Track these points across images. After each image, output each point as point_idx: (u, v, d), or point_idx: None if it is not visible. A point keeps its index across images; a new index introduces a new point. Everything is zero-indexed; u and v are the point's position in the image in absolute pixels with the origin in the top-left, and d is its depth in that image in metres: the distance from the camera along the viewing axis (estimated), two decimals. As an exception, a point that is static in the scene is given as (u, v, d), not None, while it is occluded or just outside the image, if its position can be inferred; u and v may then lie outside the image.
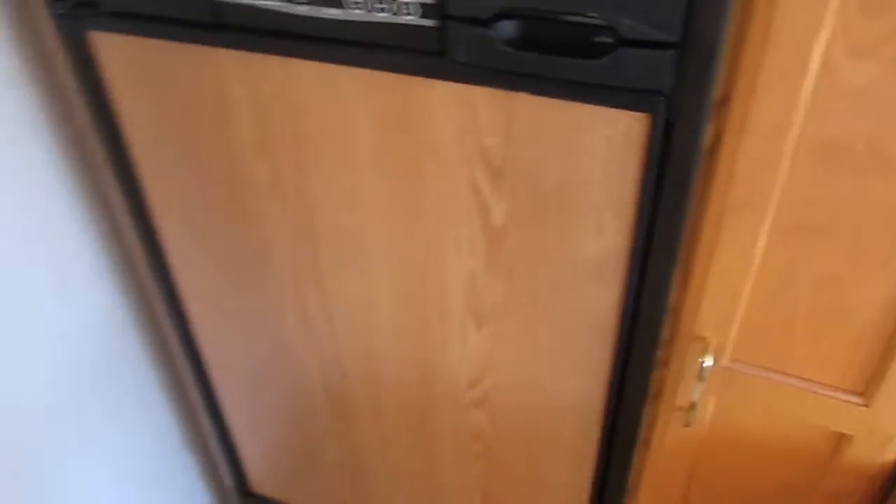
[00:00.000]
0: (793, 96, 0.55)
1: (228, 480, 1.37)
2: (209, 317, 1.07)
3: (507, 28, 0.60)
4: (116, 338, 1.25)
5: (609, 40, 0.58)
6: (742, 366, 0.72)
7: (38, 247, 1.04)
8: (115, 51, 0.80)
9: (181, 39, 0.74)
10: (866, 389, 0.68)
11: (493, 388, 0.91)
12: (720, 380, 0.73)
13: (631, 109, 0.60)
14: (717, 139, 0.61)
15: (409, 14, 0.62)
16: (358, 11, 0.64)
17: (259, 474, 1.35)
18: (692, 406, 0.75)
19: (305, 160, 0.79)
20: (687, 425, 0.76)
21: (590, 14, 0.56)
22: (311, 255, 0.88)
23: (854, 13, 0.49)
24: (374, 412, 1.06)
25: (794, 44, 0.52)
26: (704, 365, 0.71)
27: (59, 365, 1.14)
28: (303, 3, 0.66)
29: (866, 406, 0.68)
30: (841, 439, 0.72)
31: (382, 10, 0.63)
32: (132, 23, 0.76)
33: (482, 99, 0.66)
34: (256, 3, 0.68)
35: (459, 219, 0.75)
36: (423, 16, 0.62)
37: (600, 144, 0.64)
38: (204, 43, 0.74)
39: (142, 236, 0.99)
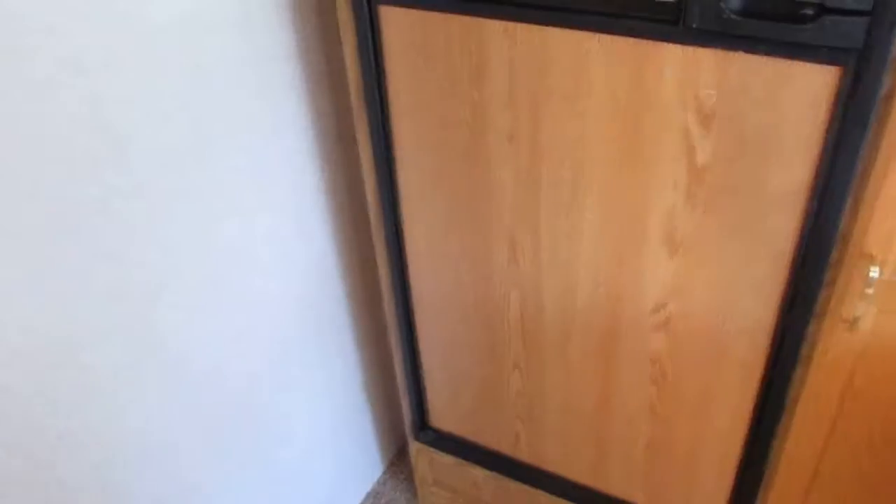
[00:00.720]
0: (961, 49, 0.73)
1: (409, 414, 1.60)
2: (425, 254, 1.30)
3: (735, 1, 0.81)
4: (329, 284, 1.50)
5: (811, 12, 0.78)
6: (903, 279, 0.89)
7: (282, 193, 1.30)
8: (397, 21, 1.05)
9: (456, 11, 0.98)
10: None
11: (676, 312, 1.10)
12: (884, 292, 0.91)
13: (828, 64, 0.80)
14: (893, 88, 0.80)
15: (655, -8, 0.84)
16: (613, -10, 0.86)
17: (439, 408, 1.57)
18: (856, 319, 0.93)
19: (543, 112, 1.01)
20: (852, 330, 0.93)
21: (804, -12, 0.76)
22: (532, 196, 1.10)
23: None
24: (561, 343, 1.26)
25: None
26: (871, 276, 0.89)
27: (284, 302, 1.39)
28: (568, -14, 0.88)
29: None
30: None
31: (634, -11, 0.85)
32: None
33: (704, 58, 0.86)
34: (530, -14, 0.91)
35: (669, 158, 0.96)
36: (665, -7, 0.84)
37: (798, 93, 0.83)
38: (475, 14, 0.97)
39: (380, 171, 1.22)
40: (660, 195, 1.00)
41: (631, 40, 0.89)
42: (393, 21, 1.06)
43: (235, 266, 1.23)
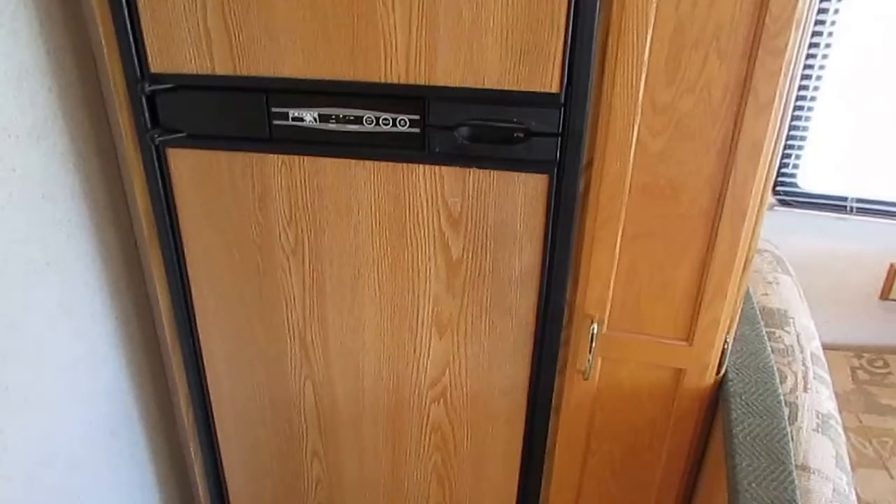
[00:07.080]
0: (625, 159, 1.01)
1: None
2: (223, 362, 1.39)
3: (465, 131, 1.04)
4: (121, 408, 1.52)
5: (521, 136, 1.03)
6: (614, 332, 1.15)
7: (67, 321, 1.34)
8: (184, 159, 1.18)
9: (242, 149, 1.14)
10: (688, 335, 1.12)
11: (450, 383, 1.29)
12: (602, 343, 1.16)
13: (538, 173, 1.05)
14: (587, 186, 1.06)
15: (404, 126, 1.05)
16: (371, 126, 1.07)
17: (242, 512, 1.62)
18: (587, 369, 1.17)
19: (321, 227, 1.18)
20: (586, 379, 1.17)
21: (514, 121, 1.01)
22: (319, 300, 1.26)
23: (648, 111, 0.97)
24: (354, 425, 1.40)
25: (623, 131, 0.99)
26: (593, 332, 1.14)
27: (74, 432, 1.40)
28: (333, 122, 1.08)
29: (690, 346, 1.13)
30: (679, 373, 1.16)
31: (387, 123, 1.06)
32: (207, 141, 1.15)
33: (447, 174, 1.09)
34: (301, 124, 1.09)
35: (428, 255, 1.16)
36: (412, 126, 1.05)
37: (520, 195, 1.08)
38: (259, 151, 1.13)
39: (175, 293, 1.32)
40: (425, 286, 1.19)
41: (389, 164, 1.10)
42: (180, 160, 1.19)
43: (24, 401, 1.24)
